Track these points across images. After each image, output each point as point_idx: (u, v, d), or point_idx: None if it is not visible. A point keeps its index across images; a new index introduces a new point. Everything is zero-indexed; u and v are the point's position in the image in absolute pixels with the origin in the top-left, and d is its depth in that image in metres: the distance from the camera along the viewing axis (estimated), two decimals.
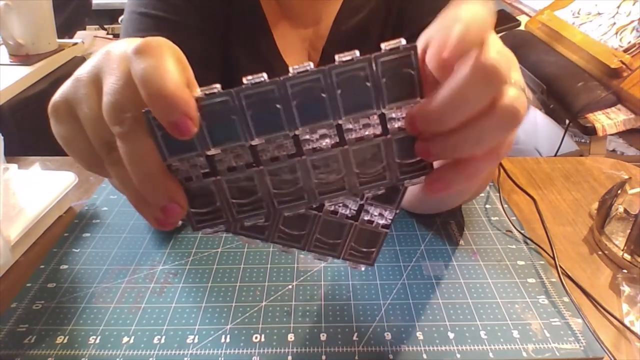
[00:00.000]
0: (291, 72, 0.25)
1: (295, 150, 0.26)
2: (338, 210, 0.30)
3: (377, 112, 0.26)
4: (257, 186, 0.27)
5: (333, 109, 0.25)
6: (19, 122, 1.35)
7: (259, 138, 0.26)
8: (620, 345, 0.45)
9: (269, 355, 0.43)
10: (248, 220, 0.28)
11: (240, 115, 0.25)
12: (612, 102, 1.41)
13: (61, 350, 0.44)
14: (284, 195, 0.27)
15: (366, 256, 0.32)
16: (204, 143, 0.26)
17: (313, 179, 0.27)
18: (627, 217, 0.59)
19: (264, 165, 0.26)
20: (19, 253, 0.56)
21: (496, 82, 0.25)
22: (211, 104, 0.25)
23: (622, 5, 1.56)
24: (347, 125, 0.26)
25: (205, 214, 0.28)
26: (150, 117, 0.25)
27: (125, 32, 0.58)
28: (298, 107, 0.25)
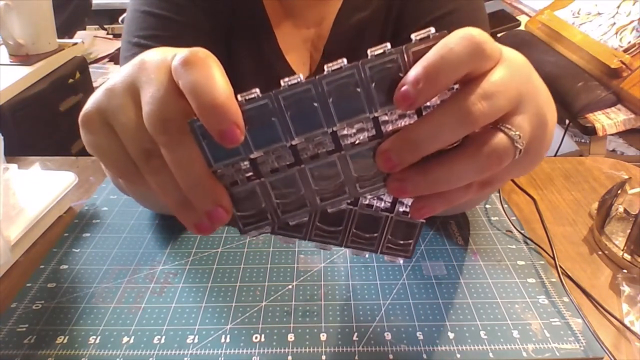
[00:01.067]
0: (325, 71, 0.25)
1: (334, 146, 0.26)
2: (373, 204, 0.30)
3: None
4: (300, 185, 0.27)
5: (369, 104, 0.26)
6: (19, 122, 1.35)
7: (299, 137, 0.26)
8: (620, 345, 0.45)
9: (269, 355, 0.43)
10: (292, 219, 0.29)
11: (280, 117, 0.26)
12: (612, 102, 1.41)
13: (61, 350, 0.44)
14: (326, 191, 0.28)
15: (404, 248, 0.32)
16: (247, 147, 0.26)
17: (353, 173, 0.27)
18: (627, 217, 0.59)
19: (305, 164, 0.27)
20: (19, 253, 0.56)
21: (469, 126, 0.24)
22: (252, 108, 0.25)
23: (622, 5, 1.56)
24: (383, 118, 0.26)
25: (250, 217, 0.28)
26: (195, 125, 0.25)
27: (128, 31, 0.58)
28: (334, 103, 0.25)
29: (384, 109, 0.26)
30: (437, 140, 0.25)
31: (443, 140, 0.25)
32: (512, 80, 0.26)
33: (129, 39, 0.57)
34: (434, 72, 0.24)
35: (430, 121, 0.25)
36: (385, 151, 0.26)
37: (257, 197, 0.28)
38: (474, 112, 0.24)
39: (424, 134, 0.25)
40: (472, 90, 0.25)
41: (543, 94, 0.29)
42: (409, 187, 0.26)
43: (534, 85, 0.28)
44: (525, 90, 0.27)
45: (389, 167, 0.26)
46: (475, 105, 0.24)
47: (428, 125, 0.25)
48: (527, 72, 0.28)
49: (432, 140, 0.25)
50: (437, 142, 0.25)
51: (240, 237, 0.57)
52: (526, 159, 0.29)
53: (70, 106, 1.57)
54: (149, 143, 0.26)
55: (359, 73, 0.25)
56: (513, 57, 0.27)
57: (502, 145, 0.25)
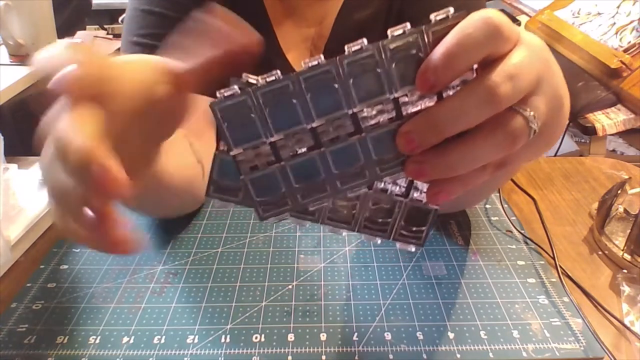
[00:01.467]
0: (346, 52, 0.25)
1: (354, 128, 0.26)
2: (388, 188, 0.30)
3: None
4: (320, 169, 0.27)
5: (389, 85, 0.25)
6: (19, 122, 1.35)
7: (319, 119, 0.26)
8: (620, 345, 0.45)
9: (269, 355, 0.43)
10: (312, 204, 0.28)
11: (300, 99, 0.25)
12: (612, 102, 1.41)
13: (61, 350, 0.44)
14: (346, 175, 0.27)
15: (416, 236, 0.31)
16: (267, 130, 0.26)
17: (373, 156, 0.27)
18: (627, 217, 0.59)
19: (325, 147, 0.26)
20: (19, 253, 0.56)
21: (494, 107, 0.25)
22: (272, 90, 0.25)
23: (622, 5, 1.56)
24: (403, 99, 0.26)
25: (270, 203, 0.28)
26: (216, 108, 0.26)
27: (128, 30, 0.58)
28: (355, 84, 0.25)
29: (404, 90, 0.25)
30: (461, 122, 0.25)
31: (467, 122, 0.25)
32: (531, 62, 0.26)
33: (129, 38, 0.57)
34: (453, 56, 0.24)
35: (454, 103, 0.25)
36: (407, 132, 0.26)
37: (277, 182, 0.27)
38: (499, 93, 0.24)
39: (448, 116, 0.25)
40: (496, 72, 0.25)
41: (559, 76, 0.29)
42: (428, 169, 0.26)
43: (551, 68, 0.28)
44: (543, 72, 0.27)
45: (410, 149, 0.26)
46: (500, 87, 0.24)
47: (452, 107, 0.25)
48: (545, 54, 0.28)
49: (455, 122, 0.25)
50: (461, 124, 0.25)
51: (240, 237, 0.57)
52: (541, 141, 0.29)
53: None
54: None
55: (379, 53, 0.25)
56: (531, 39, 0.27)
57: (518, 126, 0.26)
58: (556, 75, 0.29)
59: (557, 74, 0.29)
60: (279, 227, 0.59)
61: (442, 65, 0.24)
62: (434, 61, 0.24)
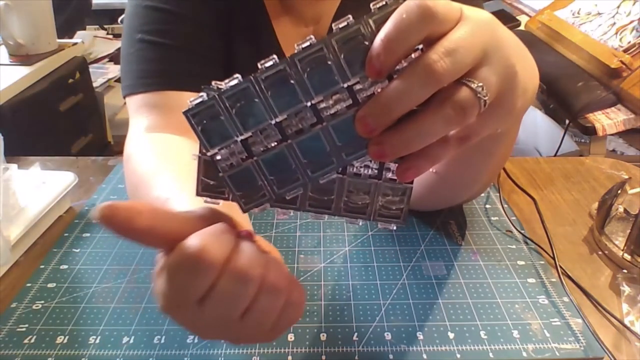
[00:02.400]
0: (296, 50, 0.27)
1: (315, 118, 0.28)
2: (361, 172, 0.31)
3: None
4: (290, 159, 0.29)
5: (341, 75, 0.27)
6: (19, 122, 1.35)
7: (282, 114, 0.28)
8: (620, 345, 0.45)
9: (269, 355, 0.43)
10: (288, 193, 0.30)
11: (262, 98, 0.28)
12: (612, 102, 1.40)
13: (61, 350, 0.44)
14: (315, 163, 0.29)
15: (395, 214, 0.32)
16: (236, 129, 0.28)
17: (337, 142, 0.28)
18: (627, 217, 0.59)
19: (291, 139, 0.28)
20: (19, 253, 0.56)
21: (434, 83, 0.26)
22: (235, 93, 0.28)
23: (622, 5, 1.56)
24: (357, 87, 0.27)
25: (249, 195, 0.30)
26: (189, 115, 0.28)
27: (130, 27, 0.58)
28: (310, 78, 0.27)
29: (356, 78, 0.27)
30: (407, 101, 0.26)
31: (412, 100, 0.26)
32: (473, 35, 0.27)
33: (131, 34, 0.57)
34: (391, 40, 0.25)
35: (398, 84, 0.26)
36: (362, 117, 0.27)
37: (252, 176, 0.30)
38: (437, 69, 0.25)
39: (394, 97, 0.26)
40: (433, 49, 0.26)
41: (511, 46, 0.30)
42: (387, 148, 0.27)
43: (498, 39, 0.29)
44: (489, 44, 0.28)
45: (367, 132, 0.27)
46: (437, 63, 0.25)
47: (396, 88, 0.26)
48: (490, 27, 0.29)
49: (402, 102, 0.26)
50: (407, 103, 0.26)
51: None
52: (500, 111, 0.30)
53: (70, 106, 1.57)
54: None
55: (327, 47, 0.26)
56: (475, 14, 0.28)
57: (465, 98, 0.27)
58: (506, 45, 0.29)
59: (508, 43, 0.29)
60: (278, 227, 0.59)
61: (383, 50, 0.26)
62: (376, 48, 0.26)
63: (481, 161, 0.46)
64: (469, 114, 0.27)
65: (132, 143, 0.55)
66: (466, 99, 0.27)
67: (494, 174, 0.53)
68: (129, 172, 0.52)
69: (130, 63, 0.57)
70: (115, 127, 1.92)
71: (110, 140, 1.90)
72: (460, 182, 0.51)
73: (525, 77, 0.31)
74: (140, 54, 0.57)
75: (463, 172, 0.49)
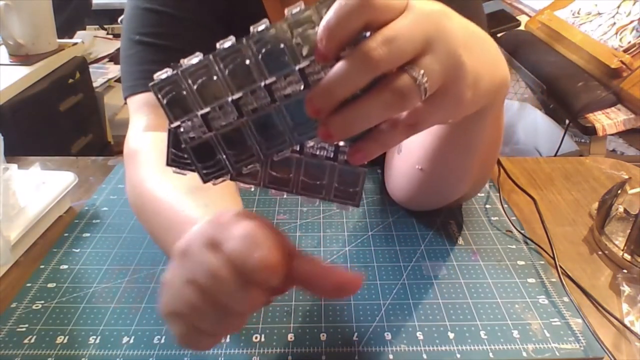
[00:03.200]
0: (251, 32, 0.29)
1: (269, 99, 0.30)
2: (317, 153, 0.33)
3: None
4: (245, 136, 0.31)
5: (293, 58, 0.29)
6: (19, 122, 1.35)
7: (238, 92, 0.30)
8: (620, 345, 0.45)
9: (269, 355, 0.43)
10: (245, 168, 0.32)
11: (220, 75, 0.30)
12: (612, 102, 1.40)
13: (61, 350, 0.44)
14: (269, 140, 0.31)
15: (351, 196, 0.34)
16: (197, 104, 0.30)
17: (289, 122, 0.30)
18: (627, 217, 0.59)
19: (247, 116, 0.30)
20: (19, 253, 0.56)
21: (370, 70, 0.27)
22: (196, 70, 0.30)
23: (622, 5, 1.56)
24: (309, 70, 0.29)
25: (210, 167, 0.32)
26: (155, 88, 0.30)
27: (128, 29, 0.58)
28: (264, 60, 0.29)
29: (307, 61, 0.28)
30: (347, 86, 0.27)
31: (351, 85, 0.27)
32: (415, 24, 0.28)
33: (130, 36, 0.57)
34: (333, 27, 0.27)
35: (338, 70, 0.27)
36: (309, 99, 0.28)
37: (212, 149, 0.31)
38: (373, 57, 0.26)
39: (336, 82, 0.27)
40: (372, 38, 0.27)
41: (459, 37, 0.30)
42: (332, 129, 0.28)
43: (443, 29, 0.29)
44: (433, 33, 0.28)
45: (315, 113, 0.28)
46: (374, 51, 0.26)
47: (337, 73, 0.27)
48: (435, 17, 0.29)
49: (342, 87, 0.27)
50: (347, 87, 0.27)
51: None
52: (446, 100, 0.30)
53: (70, 106, 1.57)
54: None
55: (280, 31, 0.28)
56: (421, 5, 0.29)
57: (405, 84, 0.28)
58: (453, 34, 0.30)
59: (454, 34, 0.30)
60: (279, 227, 0.59)
61: (326, 36, 0.27)
62: (319, 33, 0.27)
63: (462, 156, 0.46)
64: (408, 101, 0.28)
65: (134, 140, 0.55)
66: (405, 85, 0.28)
67: (484, 171, 0.52)
68: (134, 170, 0.52)
69: (130, 65, 0.57)
70: (115, 127, 1.92)
71: (110, 140, 1.90)
72: (447, 178, 0.51)
73: (477, 68, 0.31)
74: (140, 55, 0.57)
75: (447, 168, 0.49)
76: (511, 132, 1.78)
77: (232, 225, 0.32)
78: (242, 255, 0.30)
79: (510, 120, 1.79)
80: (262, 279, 0.30)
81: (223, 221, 0.32)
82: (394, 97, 0.28)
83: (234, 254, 0.30)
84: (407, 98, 0.28)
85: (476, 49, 0.31)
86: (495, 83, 0.34)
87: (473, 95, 0.31)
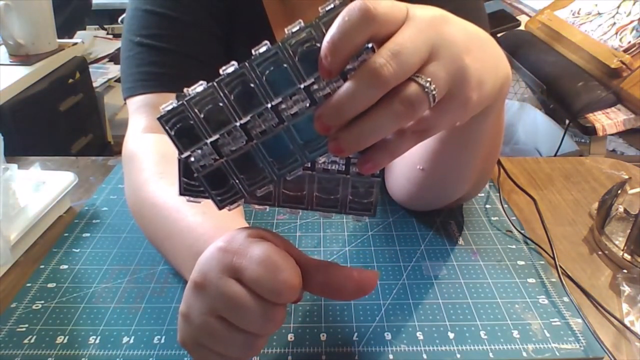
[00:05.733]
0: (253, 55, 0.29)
1: (277, 119, 0.30)
2: (329, 168, 0.33)
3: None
4: (256, 159, 0.31)
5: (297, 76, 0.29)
6: (19, 122, 1.35)
7: (245, 116, 0.30)
8: (620, 345, 0.45)
9: (269, 355, 0.43)
10: (259, 190, 0.32)
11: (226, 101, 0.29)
12: (612, 102, 1.40)
13: (61, 350, 0.44)
14: (280, 161, 0.31)
15: (366, 207, 0.34)
16: (205, 132, 0.31)
17: (299, 141, 0.30)
18: (627, 217, 0.59)
19: (256, 139, 0.30)
20: (19, 253, 0.56)
21: (381, 86, 0.27)
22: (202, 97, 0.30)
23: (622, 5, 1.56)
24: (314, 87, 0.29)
25: (224, 193, 0.32)
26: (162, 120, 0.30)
27: (129, 30, 0.58)
28: (268, 81, 0.29)
29: (311, 79, 0.29)
30: (357, 104, 0.27)
31: (362, 102, 0.27)
32: (418, 35, 0.28)
33: (130, 38, 0.57)
34: (336, 42, 0.27)
35: (347, 88, 0.27)
36: (318, 117, 0.28)
37: (224, 176, 0.31)
38: (383, 73, 0.26)
39: (345, 101, 0.27)
40: (378, 53, 0.27)
41: (460, 41, 0.30)
42: (343, 144, 0.28)
43: (445, 35, 0.29)
44: (435, 41, 0.29)
45: (324, 130, 0.28)
46: (384, 67, 0.26)
47: (346, 92, 0.27)
48: (435, 24, 0.29)
49: (352, 104, 0.27)
50: (358, 105, 0.27)
51: None
52: (453, 104, 0.30)
53: (70, 106, 1.57)
54: None
55: (282, 51, 0.28)
56: (420, 13, 0.29)
57: (414, 93, 0.27)
58: (454, 40, 0.30)
59: (455, 39, 0.30)
60: (279, 227, 0.59)
61: (330, 52, 0.27)
62: (323, 49, 0.27)
63: (463, 156, 0.46)
64: (418, 109, 0.28)
65: (132, 142, 0.55)
66: (414, 94, 0.27)
67: (485, 171, 0.53)
68: (133, 173, 0.52)
69: (130, 66, 0.57)
70: (115, 127, 1.92)
71: (110, 140, 1.90)
72: (448, 178, 0.51)
73: (480, 70, 0.31)
74: (140, 56, 0.57)
75: (448, 167, 0.49)
76: (511, 132, 1.78)
77: (247, 250, 0.32)
78: (266, 280, 0.30)
79: (510, 120, 1.78)
80: (288, 299, 0.31)
81: (236, 246, 0.32)
82: (404, 107, 0.27)
83: (258, 281, 0.30)
84: (417, 107, 0.28)
85: (477, 51, 0.31)
86: (498, 82, 0.34)
87: (478, 97, 0.31)
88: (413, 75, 0.28)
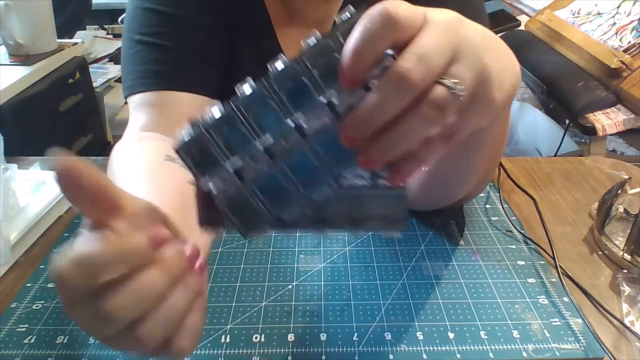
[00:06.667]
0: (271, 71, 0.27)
1: (300, 136, 0.28)
2: (355, 183, 0.31)
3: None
4: (281, 180, 0.29)
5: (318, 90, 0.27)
6: (19, 122, 1.35)
7: (266, 137, 0.28)
8: (620, 345, 0.45)
9: (269, 355, 0.43)
10: (286, 214, 0.30)
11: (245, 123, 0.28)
12: (612, 102, 1.41)
13: (61, 350, 0.44)
14: (307, 180, 0.29)
15: (397, 221, 0.32)
16: (225, 157, 0.29)
17: (325, 157, 0.29)
18: (627, 217, 0.59)
19: (280, 160, 0.29)
20: (19, 253, 0.56)
21: (409, 91, 0.26)
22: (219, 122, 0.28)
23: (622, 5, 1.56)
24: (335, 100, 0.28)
25: (248, 221, 0.30)
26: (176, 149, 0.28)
27: (130, 28, 0.58)
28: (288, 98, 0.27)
29: (333, 91, 0.27)
30: (386, 112, 0.26)
31: (391, 110, 0.26)
32: (440, 37, 0.27)
33: (131, 36, 0.57)
34: (358, 51, 0.26)
35: (375, 97, 0.26)
36: (344, 130, 0.27)
37: (248, 202, 0.29)
38: (411, 77, 0.26)
39: (373, 110, 0.26)
40: (403, 57, 0.26)
41: (478, 41, 0.30)
42: (374, 156, 0.28)
43: (464, 36, 0.29)
44: (457, 42, 0.28)
45: (351, 143, 0.28)
46: (411, 71, 0.26)
47: (374, 101, 0.26)
48: (454, 25, 0.29)
49: (381, 114, 0.26)
50: (387, 114, 0.27)
51: (240, 238, 0.57)
52: (479, 105, 0.30)
53: (70, 106, 1.57)
54: None
55: (300, 65, 0.27)
56: (437, 16, 0.28)
57: (441, 96, 0.27)
58: (473, 41, 0.30)
59: (473, 39, 0.30)
60: None
61: (352, 61, 0.26)
62: (344, 59, 0.26)
63: (469, 157, 0.46)
64: (447, 112, 0.27)
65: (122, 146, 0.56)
66: (442, 96, 0.27)
67: (488, 171, 0.53)
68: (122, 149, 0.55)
69: (131, 64, 0.57)
70: (115, 127, 1.92)
71: (111, 141, 1.90)
72: (452, 178, 0.51)
73: (499, 69, 0.31)
74: (140, 55, 0.57)
75: (453, 168, 0.49)
76: (511, 132, 1.78)
77: None
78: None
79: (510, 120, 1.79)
80: None
81: None
82: (433, 111, 0.27)
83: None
84: (446, 110, 0.27)
85: (494, 51, 0.31)
86: (514, 81, 0.34)
87: (501, 96, 0.31)
88: (438, 78, 0.27)
